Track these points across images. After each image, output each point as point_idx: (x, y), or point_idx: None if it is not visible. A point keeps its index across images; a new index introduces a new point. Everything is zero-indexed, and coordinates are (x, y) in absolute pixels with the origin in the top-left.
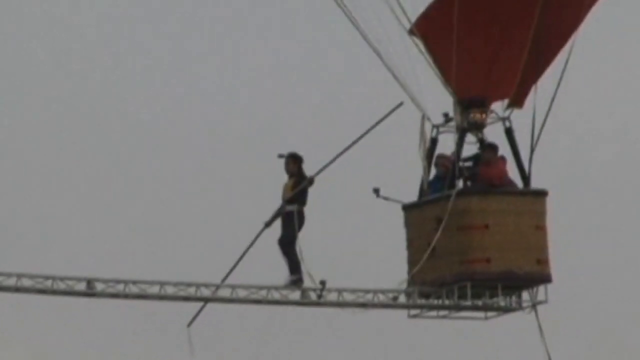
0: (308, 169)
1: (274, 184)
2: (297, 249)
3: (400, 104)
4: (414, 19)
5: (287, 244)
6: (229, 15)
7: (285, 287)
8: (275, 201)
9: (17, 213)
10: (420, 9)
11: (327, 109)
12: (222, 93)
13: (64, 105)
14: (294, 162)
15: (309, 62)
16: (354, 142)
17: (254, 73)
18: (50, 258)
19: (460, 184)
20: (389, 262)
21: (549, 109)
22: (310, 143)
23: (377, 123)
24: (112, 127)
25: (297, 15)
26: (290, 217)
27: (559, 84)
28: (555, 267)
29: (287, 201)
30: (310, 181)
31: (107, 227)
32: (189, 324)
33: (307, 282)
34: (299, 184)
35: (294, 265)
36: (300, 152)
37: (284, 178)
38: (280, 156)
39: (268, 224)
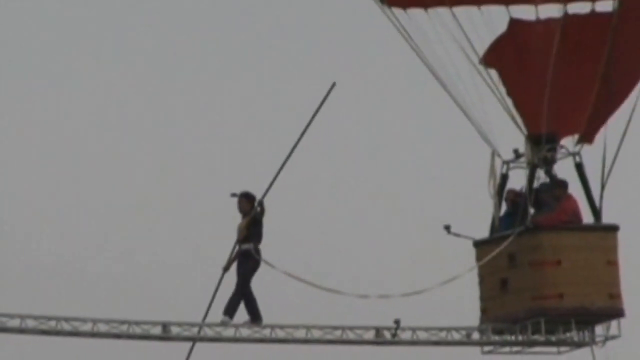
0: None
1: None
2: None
3: (334, 85)
4: (482, 52)
5: (240, 284)
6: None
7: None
8: (230, 241)
9: None
10: (489, 41)
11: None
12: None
13: None
14: (247, 201)
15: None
16: (295, 145)
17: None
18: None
19: (532, 211)
20: (461, 299)
21: (620, 145)
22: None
23: (315, 113)
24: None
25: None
26: (247, 256)
27: (629, 120)
28: (627, 301)
29: (242, 240)
30: (261, 205)
31: None
32: None
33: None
34: (252, 223)
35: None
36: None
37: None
38: (233, 195)
39: (226, 269)
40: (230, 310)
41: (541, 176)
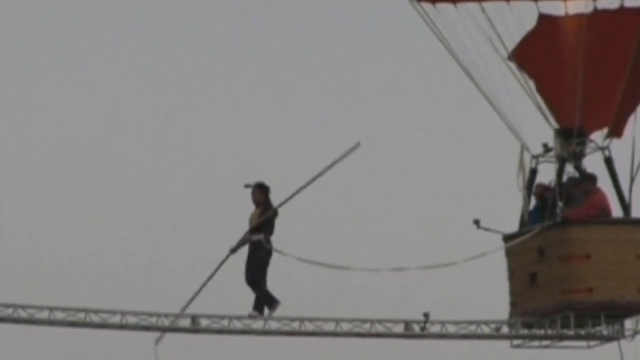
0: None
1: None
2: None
3: (357, 145)
4: (511, 47)
5: (257, 276)
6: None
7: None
8: (241, 230)
9: None
10: (519, 36)
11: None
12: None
13: None
14: (260, 191)
15: (406, 91)
16: (313, 180)
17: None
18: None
19: (560, 205)
20: (490, 292)
21: None
22: None
23: (333, 163)
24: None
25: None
26: (258, 247)
27: None
28: None
29: (253, 230)
30: (275, 212)
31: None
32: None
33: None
34: (265, 213)
35: (260, 299)
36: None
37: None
38: (247, 186)
39: (233, 250)
40: (259, 306)
41: (570, 170)
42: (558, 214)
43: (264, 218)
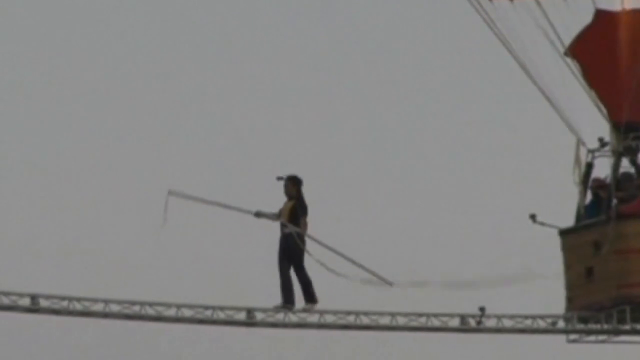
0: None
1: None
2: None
3: (391, 283)
4: (568, 42)
5: (295, 268)
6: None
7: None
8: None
9: None
10: (575, 31)
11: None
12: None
13: None
14: (292, 184)
15: (461, 85)
16: (346, 258)
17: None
18: None
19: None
20: (546, 287)
21: None
22: None
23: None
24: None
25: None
26: (288, 240)
27: None
28: None
29: (284, 223)
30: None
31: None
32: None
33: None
34: (297, 207)
35: (310, 291)
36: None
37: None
38: (279, 179)
39: (257, 215)
40: (309, 297)
41: (626, 165)
42: (613, 208)
43: (297, 232)
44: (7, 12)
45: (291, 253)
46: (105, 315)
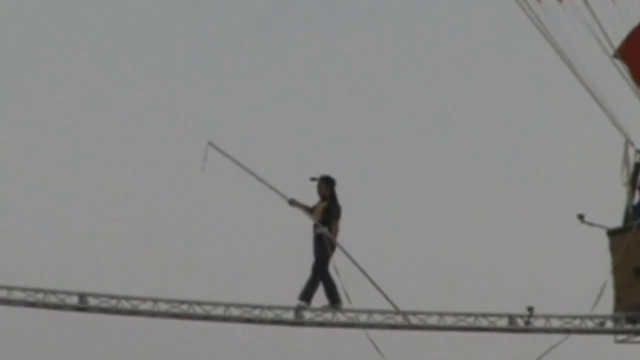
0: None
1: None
2: (329, 272)
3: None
4: (616, 43)
5: (318, 268)
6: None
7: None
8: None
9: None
10: (624, 33)
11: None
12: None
13: None
14: (326, 185)
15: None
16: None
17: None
18: (43, 271)
19: None
20: (594, 287)
21: None
22: None
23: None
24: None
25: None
26: (320, 240)
27: None
28: None
29: (316, 225)
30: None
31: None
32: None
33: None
34: (330, 208)
35: (334, 291)
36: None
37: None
38: (313, 179)
39: (291, 203)
40: (307, 296)
41: None
42: None
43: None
44: (7, 12)
45: (319, 254)
46: (153, 314)
